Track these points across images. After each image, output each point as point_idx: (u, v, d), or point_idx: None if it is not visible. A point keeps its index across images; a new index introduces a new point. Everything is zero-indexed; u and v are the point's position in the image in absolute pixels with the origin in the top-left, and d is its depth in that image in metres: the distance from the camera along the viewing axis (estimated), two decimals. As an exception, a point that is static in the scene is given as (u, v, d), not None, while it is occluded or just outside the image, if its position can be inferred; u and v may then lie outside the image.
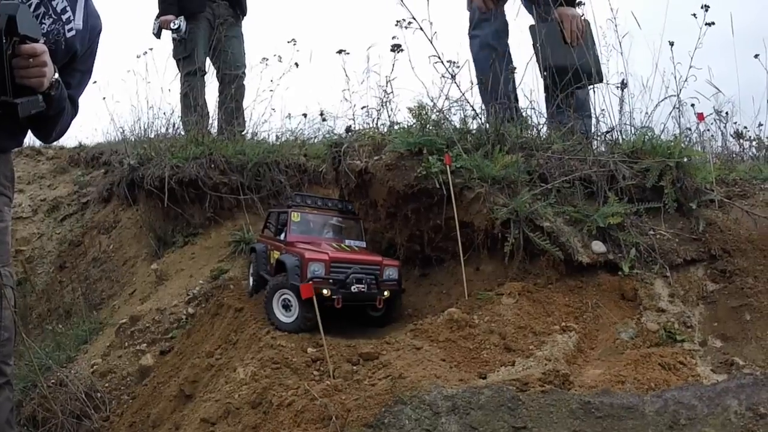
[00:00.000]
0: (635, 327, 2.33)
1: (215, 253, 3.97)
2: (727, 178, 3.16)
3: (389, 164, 2.85)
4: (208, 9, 5.24)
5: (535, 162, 2.77)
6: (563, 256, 2.48)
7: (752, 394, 1.74)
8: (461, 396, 1.73)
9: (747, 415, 1.68)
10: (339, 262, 2.61)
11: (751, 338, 2.21)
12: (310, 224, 3.02)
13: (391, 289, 2.71)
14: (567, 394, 1.72)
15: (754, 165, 3.60)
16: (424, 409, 1.71)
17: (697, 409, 1.68)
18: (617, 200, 2.63)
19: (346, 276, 2.58)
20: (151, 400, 2.81)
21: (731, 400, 1.72)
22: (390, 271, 2.73)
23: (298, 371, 2.20)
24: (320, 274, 2.55)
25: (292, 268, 2.58)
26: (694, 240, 2.61)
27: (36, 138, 2.68)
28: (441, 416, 1.68)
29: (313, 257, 2.57)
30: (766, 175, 3.20)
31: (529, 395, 1.72)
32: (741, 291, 2.38)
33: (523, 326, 2.29)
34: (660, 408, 1.67)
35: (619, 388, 1.84)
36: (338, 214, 3.13)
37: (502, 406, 1.68)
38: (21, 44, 1.97)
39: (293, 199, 3.10)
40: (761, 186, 3.03)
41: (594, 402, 1.67)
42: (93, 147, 7.23)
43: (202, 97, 5.23)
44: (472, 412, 1.68)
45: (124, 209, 5.29)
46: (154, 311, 3.53)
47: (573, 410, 1.65)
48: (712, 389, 1.76)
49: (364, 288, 2.60)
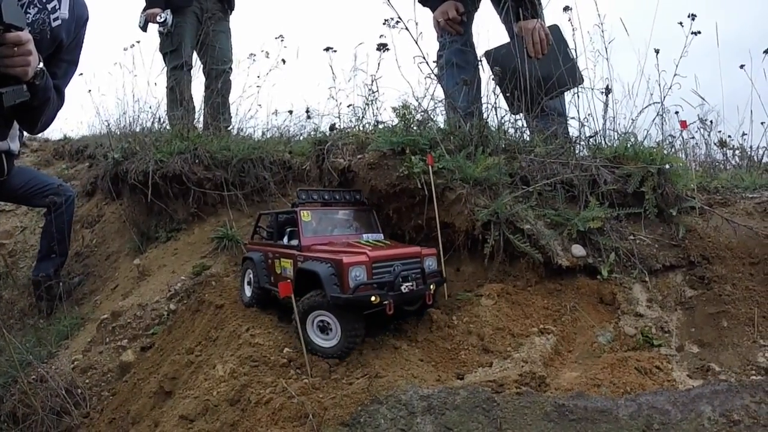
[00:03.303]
0: (613, 331, 2.37)
1: (198, 249, 3.95)
2: (709, 185, 3.22)
3: (372, 163, 2.85)
4: (195, 3, 5.26)
5: (517, 164, 2.79)
6: (543, 259, 2.50)
7: (726, 401, 1.76)
8: (437, 396, 1.75)
9: (720, 421, 1.71)
10: (380, 261, 2.31)
11: (728, 344, 2.25)
12: (323, 222, 2.72)
13: (436, 281, 2.45)
14: (542, 396, 1.75)
15: (736, 174, 3.66)
16: (400, 408, 1.74)
17: (671, 414, 1.70)
18: (598, 205, 2.66)
19: (393, 276, 2.26)
20: (131, 397, 2.79)
21: (705, 406, 1.75)
22: (429, 261, 2.46)
23: (276, 369, 2.21)
24: (363, 280, 2.22)
25: (328, 278, 2.23)
26: (673, 246, 2.65)
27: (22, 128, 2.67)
28: (416, 416, 1.71)
29: (352, 261, 2.23)
30: (747, 184, 3.25)
31: (504, 397, 1.74)
32: (719, 298, 2.42)
33: (501, 328, 2.32)
34: (634, 412, 1.69)
35: (595, 391, 1.87)
36: (348, 207, 2.85)
37: (477, 407, 1.70)
38: (5, 33, 1.99)
39: (298, 196, 2.77)
40: (742, 195, 3.08)
41: (568, 405, 1.69)
42: (78, 140, 7.26)
43: (188, 92, 5.21)
44: (448, 412, 1.70)
45: (108, 203, 5.31)
46: (136, 307, 3.50)
47: (547, 413, 1.68)
48: (686, 395, 1.78)
49: (413, 286, 2.29)
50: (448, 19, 3.73)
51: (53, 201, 4.36)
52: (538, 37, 3.46)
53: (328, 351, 2.25)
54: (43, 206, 4.51)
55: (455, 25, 3.75)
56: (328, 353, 2.25)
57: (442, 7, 3.74)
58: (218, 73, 5.32)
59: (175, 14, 5.07)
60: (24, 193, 4.33)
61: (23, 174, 4.39)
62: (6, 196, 4.30)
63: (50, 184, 4.47)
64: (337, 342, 2.24)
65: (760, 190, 3.15)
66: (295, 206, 2.71)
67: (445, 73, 3.71)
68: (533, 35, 3.45)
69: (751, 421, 1.70)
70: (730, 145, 4.69)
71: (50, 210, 4.40)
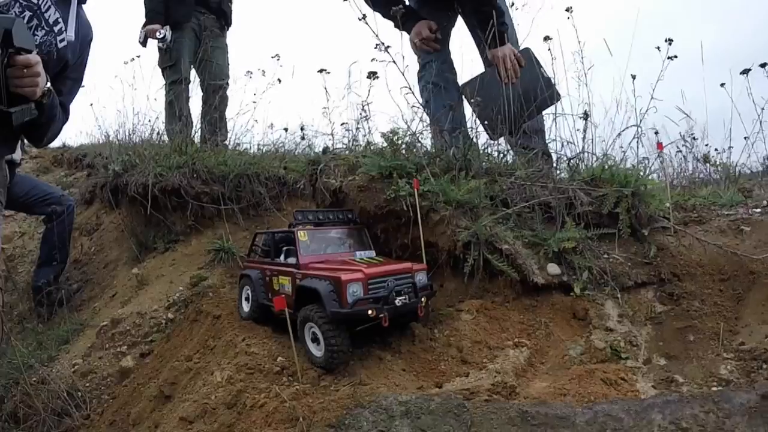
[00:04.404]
0: (584, 344, 2.54)
1: (195, 260, 4.12)
2: (686, 203, 3.42)
3: (361, 186, 3.06)
4: (193, 19, 5.47)
5: (498, 187, 3.01)
6: (519, 277, 2.70)
7: (676, 410, 1.92)
8: (414, 402, 1.96)
9: (669, 428, 1.87)
10: (375, 277, 2.48)
11: (693, 357, 2.42)
12: (318, 241, 2.89)
13: (427, 294, 2.65)
14: (508, 403, 1.96)
15: (714, 191, 3.85)
16: (381, 412, 1.95)
17: (624, 422, 1.89)
18: (574, 225, 2.85)
19: (388, 291, 2.45)
20: (131, 400, 2.97)
21: (656, 414, 1.91)
22: (420, 275, 2.65)
23: (270, 376, 2.42)
24: (360, 295, 2.41)
25: (328, 294, 2.42)
26: (645, 264, 2.83)
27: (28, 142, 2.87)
28: (395, 419, 1.92)
29: (350, 278, 2.41)
30: (724, 201, 3.44)
31: (474, 403, 1.95)
32: (687, 313, 2.60)
33: (479, 341, 2.52)
34: (590, 419, 1.88)
35: (561, 400, 2.05)
36: (342, 226, 3.04)
37: (450, 412, 1.91)
38: (16, 55, 2.13)
39: (295, 217, 2.96)
40: (718, 212, 3.27)
41: (531, 411, 1.89)
42: (76, 148, 7.43)
43: (186, 106, 5.40)
44: (423, 416, 1.91)
45: (107, 212, 5.48)
46: (135, 315, 3.66)
47: (512, 418, 1.88)
48: (640, 404, 1.96)
49: (406, 299, 2.49)
50: (423, 39, 3.95)
51: (55, 210, 4.57)
52: (510, 62, 3.70)
53: (318, 360, 2.45)
54: (43, 214, 4.70)
55: (431, 43, 3.98)
56: (318, 363, 2.45)
57: (415, 28, 3.97)
58: (215, 89, 5.52)
59: (173, 30, 5.27)
60: (25, 202, 4.54)
61: (25, 183, 4.59)
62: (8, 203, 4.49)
63: (51, 193, 4.68)
64: (323, 353, 2.43)
65: (736, 207, 3.33)
66: (293, 227, 2.90)
67: (430, 95, 3.93)
68: (504, 62, 3.70)
69: (699, 428, 1.85)
70: (713, 161, 4.91)
71: (51, 218, 4.59)
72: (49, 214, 4.61)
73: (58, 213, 4.59)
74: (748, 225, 3.01)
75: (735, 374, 2.26)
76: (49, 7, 2.54)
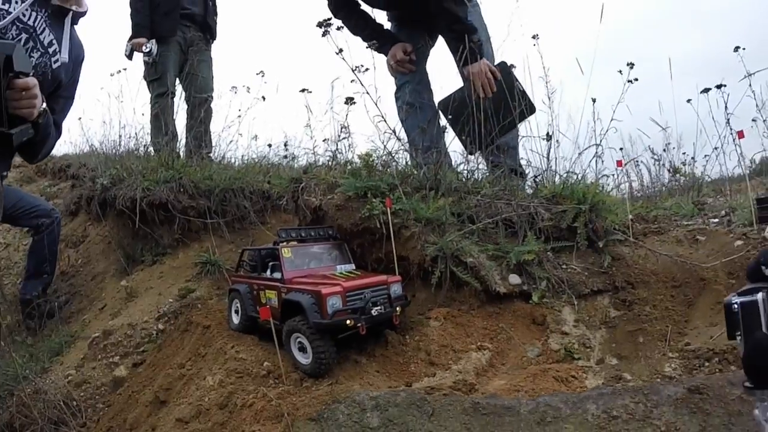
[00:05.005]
0: (540, 347, 2.89)
1: (183, 273, 4.39)
2: (648, 215, 3.74)
3: (339, 205, 3.43)
4: (179, 33, 5.81)
5: (465, 205, 3.37)
6: (482, 287, 3.06)
7: (609, 401, 2.21)
8: (383, 397, 2.35)
9: (602, 416, 2.16)
10: (353, 290, 2.82)
11: (642, 357, 2.73)
12: (301, 257, 3.19)
13: (401, 304, 3.01)
14: (463, 397, 2.35)
15: (677, 202, 4.18)
16: (354, 406, 2.34)
17: (562, 411, 2.23)
18: (535, 239, 3.20)
19: (364, 302, 2.80)
20: (127, 407, 3.24)
21: (591, 404, 2.21)
22: (395, 287, 3.02)
23: (257, 379, 2.80)
24: (339, 307, 2.74)
25: (310, 306, 2.75)
26: (602, 273, 3.15)
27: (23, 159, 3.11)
28: (366, 411, 2.31)
29: (329, 291, 2.74)
30: (685, 211, 3.76)
31: (434, 397, 2.34)
32: (638, 317, 2.91)
33: (445, 345, 2.89)
34: (532, 408, 2.24)
35: (514, 395, 2.40)
36: (323, 242, 3.34)
37: (413, 405, 2.30)
38: (15, 79, 2.32)
39: (279, 235, 3.23)
40: (679, 222, 3.59)
41: (482, 403, 2.27)
42: (60, 157, 7.54)
43: (171, 120, 5.74)
44: (390, 408, 2.30)
45: (93, 224, 5.71)
46: (126, 326, 3.91)
47: (465, 408, 2.25)
48: (577, 396, 2.30)
49: (382, 309, 2.85)
50: (397, 61, 4.30)
51: (44, 223, 4.76)
52: (485, 78, 4.00)
53: (305, 368, 2.78)
54: (29, 227, 4.90)
55: (405, 64, 4.32)
56: (305, 370, 2.78)
57: (391, 51, 4.32)
58: (200, 102, 5.85)
59: (159, 44, 5.61)
60: (12, 214, 4.68)
61: (11, 195, 4.74)
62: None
63: (38, 206, 4.86)
64: (310, 361, 2.76)
65: (696, 218, 3.65)
66: (277, 244, 3.19)
67: (405, 116, 4.29)
68: (480, 77, 4.00)
69: (628, 416, 2.14)
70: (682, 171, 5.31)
71: (39, 230, 4.79)
72: (37, 227, 4.79)
73: (47, 225, 4.78)
74: (704, 235, 3.31)
75: (678, 371, 2.54)
76: (44, 30, 2.72)
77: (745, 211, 3.37)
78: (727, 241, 3.17)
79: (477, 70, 4.03)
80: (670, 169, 5.36)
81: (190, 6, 5.95)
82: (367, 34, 4.27)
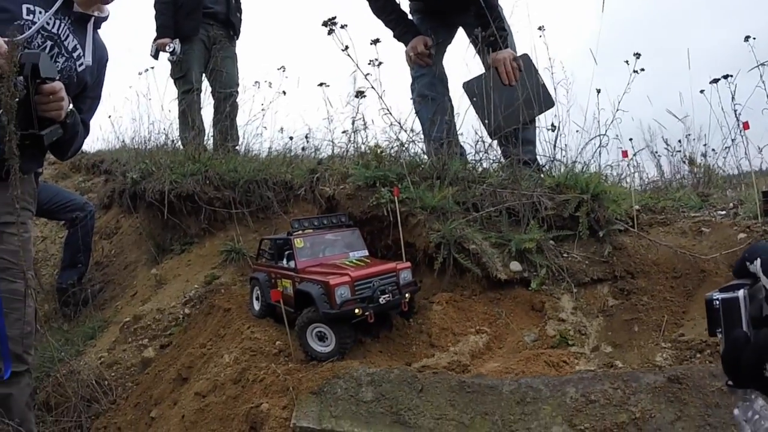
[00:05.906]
0: (537, 332, 3.04)
1: (209, 261, 4.70)
2: (656, 206, 3.83)
3: (350, 194, 3.70)
4: (202, 32, 6.16)
5: (470, 194, 3.58)
6: (483, 273, 3.26)
7: (588, 385, 2.33)
8: (378, 374, 2.63)
9: (580, 399, 2.29)
10: (361, 279, 2.95)
11: (635, 346, 2.83)
12: (314, 247, 3.33)
13: (410, 291, 3.13)
14: (450, 375, 2.60)
15: (685, 194, 4.24)
16: (352, 381, 2.64)
17: (542, 392, 2.38)
18: (538, 227, 3.37)
19: (372, 291, 2.92)
20: (153, 385, 3.57)
21: (571, 388, 2.34)
22: (404, 273, 3.13)
23: (269, 357, 3.10)
24: (347, 296, 2.87)
25: (320, 297, 2.89)
26: (603, 262, 3.27)
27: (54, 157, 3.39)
28: (362, 386, 2.60)
29: (338, 282, 2.87)
30: (693, 203, 3.84)
31: (424, 375, 2.60)
32: (635, 307, 3.01)
33: (446, 328, 3.13)
34: (514, 389, 2.43)
35: (504, 377, 2.57)
36: (336, 229, 3.47)
37: (405, 381, 2.57)
38: (42, 84, 2.54)
39: (292, 225, 3.37)
40: (686, 214, 3.65)
41: (467, 382, 2.50)
42: (93, 154, 7.97)
43: (198, 115, 6.08)
44: (384, 384, 2.58)
45: (125, 217, 6.10)
46: (155, 311, 4.25)
47: (452, 386, 2.50)
48: (558, 379, 2.41)
49: (390, 297, 2.96)
50: (417, 54, 4.50)
51: (78, 216, 5.13)
52: (510, 66, 4.17)
53: (325, 355, 2.94)
54: (65, 220, 5.28)
55: (424, 58, 4.53)
56: (325, 357, 2.93)
57: (412, 42, 4.51)
58: (226, 96, 6.18)
59: (183, 43, 5.97)
60: (49, 208, 5.07)
61: (47, 190, 5.12)
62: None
63: (73, 200, 5.23)
64: (333, 348, 2.93)
65: (704, 210, 3.70)
66: (290, 235, 3.34)
67: (418, 107, 4.52)
68: (505, 65, 4.17)
69: (606, 401, 2.26)
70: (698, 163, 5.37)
71: (74, 223, 5.16)
72: (72, 220, 5.15)
73: (81, 218, 5.13)
74: (709, 227, 3.35)
75: (668, 361, 2.62)
76: (68, 36, 2.94)
77: (752, 204, 3.40)
78: (730, 233, 3.21)
79: (503, 57, 4.19)
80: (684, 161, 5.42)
81: (213, 5, 6.28)
82: (391, 19, 4.50)
